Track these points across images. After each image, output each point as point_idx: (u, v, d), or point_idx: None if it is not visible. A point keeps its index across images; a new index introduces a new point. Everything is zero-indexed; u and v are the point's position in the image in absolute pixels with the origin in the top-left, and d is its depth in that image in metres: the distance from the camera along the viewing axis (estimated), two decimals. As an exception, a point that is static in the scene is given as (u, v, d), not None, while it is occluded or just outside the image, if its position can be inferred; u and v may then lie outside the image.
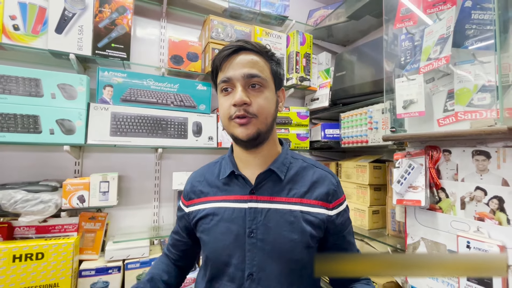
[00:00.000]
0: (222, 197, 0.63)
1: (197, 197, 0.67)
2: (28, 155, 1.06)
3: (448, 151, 0.81)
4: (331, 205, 0.62)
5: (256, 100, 0.57)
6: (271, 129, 0.62)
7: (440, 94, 0.82)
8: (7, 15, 0.91)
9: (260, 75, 0.58)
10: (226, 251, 0.59)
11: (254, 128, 0.57)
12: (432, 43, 0.79)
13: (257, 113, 0.57)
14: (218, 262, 0.60)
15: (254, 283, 0.57)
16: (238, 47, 0.59)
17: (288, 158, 0.66)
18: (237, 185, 0.63)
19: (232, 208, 0.61)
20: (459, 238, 0.74)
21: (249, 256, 0.57)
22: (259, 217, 0.59)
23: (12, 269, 0.86)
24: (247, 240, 0.58)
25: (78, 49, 0.99)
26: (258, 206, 0.60)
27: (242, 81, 0.57)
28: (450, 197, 0.80)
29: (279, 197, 0.61)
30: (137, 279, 1.04)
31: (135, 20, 1.25)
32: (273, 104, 0.61)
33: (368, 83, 1.18)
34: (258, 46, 0.60)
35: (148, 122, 1.10)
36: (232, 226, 0.59)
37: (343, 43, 1.79)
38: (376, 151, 1.37)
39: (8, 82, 0.90)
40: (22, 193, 0.89)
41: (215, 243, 0.61)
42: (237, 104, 0.56)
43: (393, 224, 1.13)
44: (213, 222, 0.62)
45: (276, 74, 0.63)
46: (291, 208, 0.60)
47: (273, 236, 0.58)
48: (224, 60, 0.59)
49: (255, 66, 0.58)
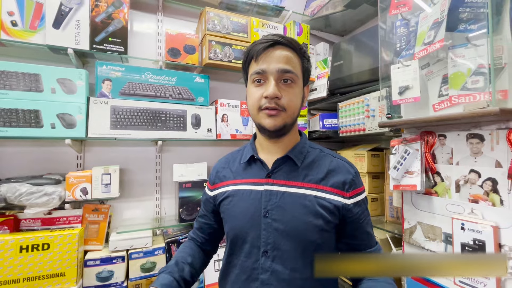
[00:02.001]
0: (241, 180, 0.68)
1: (220, 181, 0.72)
2: (31, 149, 1.08)
3: (443, 136, 0.82)
4: (348, 194, 0.63)
5: (286, 95, 0.60)
6: (295, 122, 0.66)
7: (435, 79, 0.83)
8: (5, 11, 0.92)
9: (293, 71, 0.61)
10: (244, 229, 0.63)
11: (282, 120, 0.61)
12: (427, 28, 0.80)
13: (286, 107, 0.60)
14: (236, 239, 0.65)
15: (269, 259, 0.60)
16: (275, 41, 0.61)
17: (306, 147, 0.69)
18: (255, 168, 0.68)
19: (249, 190, 0.65)
20: (454, 221, 0.75)
21: (264, 235, 0.61)
22: (274, 198, 0.62)
23: (20, 260, 0.89)
24: (262, 219, 0.62)
25: (76, 43, 1.00)
26: (274, 189, 0.63)
27: (275, 75, 0.60)
28: (445, 181, 0.81)
29: (294, 181, 0.63)
30: (140, 268, 1.07)
31: (132, 14, 1.25)
32: (300, 99, 0.65)
33: (365, 71, 1.18)
34: (293, 42, 0.63)
35: (148, 115, 1.12)
36: (249, 206, 0.64)
37: (340, 33, 1.78)
38: (374, 139, 1.38)
39: (8, 78, 0.92)
40: (26, 186, 0.91)
41: (233, 221, 0.66)
42: (269, 97, 0.59)
43: (391, 210, 1.15)
44: (233, 203, 0.67)
45: (306, 70, 0.66)
46: (306, 193, 0.62)
47: (287, 217, 0.61)
48: (260, 52, 0.61)
49: (289, 62, 0.61)
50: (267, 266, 0.60)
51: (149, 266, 1.09)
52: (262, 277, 0.60)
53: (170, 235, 1.21)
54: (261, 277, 0.60)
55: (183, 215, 1.19)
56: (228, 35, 1.24)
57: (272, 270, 0.60)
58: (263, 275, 0.60)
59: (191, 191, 1.21)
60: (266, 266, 0.60)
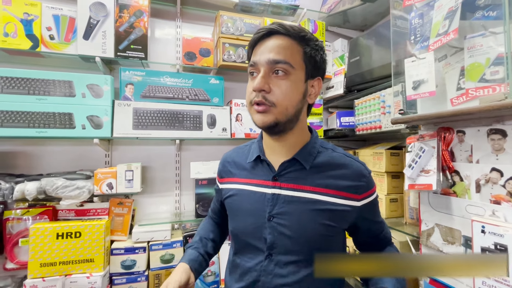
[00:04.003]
0: (247, 180, 0.66)
1: (227, 176, 0.72)
2: (67, 148, 1.21)
3: (462, 132, 0.76)
4: (360, 196, 0.60)
5: (276, 88, 0.55)
6: (294, 119, 0.59)
7: (453, 72, 0.77)
8: (44, 27, 1.05)
9: (286, 61, 0.54)
10: (247, 231, 0.63)
11: (272, 117, 0.55)
12: (441, 18, 0.75)
13: (276, 102, 0.55)
14: (240, 240, 0.65)
15: (272, 263, 0.59)
16: (270, 30, 0.56)
17: (315, 147, 0.64)
18: (261, 170, 0.64)
19: (254, 191, 0.63)
20: (474, 223, 0.70)
21: (270, 239, 0.59)
22: (280, 203, 0.60)
23: (57, 245, 1.00)
24: (267, 223, 0.60)
25: (102, 52, 1.10)
26: (281, 193, 0.60)
27: (265, 67, 0.55)
28: (464, 180, 0.75)
29: (302, 185, 0.60)
30: (160, 259, 1.15)
31: (153, 22, 1.34)
32: (298, 93, 0.57)
33: (382, 66, 1.13)
34: (292, 29, 0.56)
35: (166, 116, 1.19)
36: (253, 208, 0.62)
37: (360, 28, 1.72)
38: (394, 138, 1.31)
39: (47, 85, 1.04)
40: (62, 180, 1.03)
41: (238, 222, 0.65)
42: (255, 90, 0.55)
43: (410, 212, 1.09)
44: (237, 203, 0.66)
45: (310, 61, 0.58)
46: (315, 198, 0.59)
47: (294, 223, 0.58)
48: (255, 44, 0.58)
49: (282, 52, 0.55)
50: (270, 270, 0.59)
51: (168, 258, 1.16)
52: (264, 279, 0.59)
53: (187, 230, 1.27)
54: (263, 279, 0.59)
55: (199, 210, 1.24)
56: (242, 37, 1.27)
57: (275, 274, 0.59)
58: (265, 277, 0.59)
59: (207, 187, 1.26)
60: (269, 269, 0.59)
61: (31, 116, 1.01)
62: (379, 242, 0.71)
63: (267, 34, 0.57)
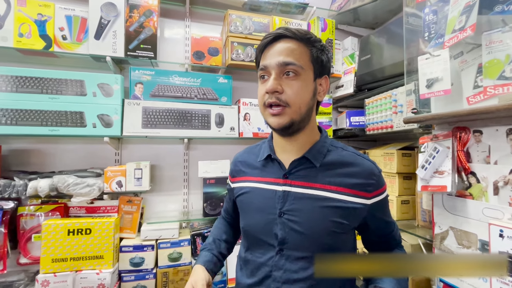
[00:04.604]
0: (258, 178, 0.68)
1: (238, 175, 0.74)
2: (79, 146, 1.23)
3: (479, 132, 0.73)
4: (370, 195, 0.61)
5: (289, 89, 0.57)
6: (307, 118, 0.61)
7: (470, 69, 0.75)
8: (57, 27, 1.08)
9: (295, 63, 0.57)
10: (259, 227, 0.64)
11: (287, 117, 0.58)
12: (458, 13, 0.72)
13: (289, 102, 0.57)
14: (251, 236, 0.67)
15: (282, 258, 0.61)
16: (277, 35, 0.59)
17: (325, 146, 0.65)
18: (272, 168, 0.67)
19: (266, 189, 0.65)
20: (491, 227, 0.67)
21: (281, 234, 0.61)
22: (290, 200, 0.61)
23: (68, 241, 1.02)
24: (278, 220, 0.61)
25: (113, 52, 1.11)
26: (291, 190, 0.62)
27: (276, 69, 0.58)
28: (481, 182, 0.72)
29: (312, 183, 0.61)
30: (168, 257, 1.15)
31: (163, 21, 1.35)
32: (309, 92, 0.60)
33: (393, 64, 1.11)
34: (298, 32, 0.59)
35: (175, 115, 1.20)
36: (264, 205, 0.64)
37: (372, 26, 1.69)
38: (406, 138, 1.28)
39: (59, 84, 1.07)
40: (73, 178, 1.05)
41: (249, 219, 0.67)
42: (269, 92, 0.58)
43: (423, 214, 1.06)
44: (249, 200, 0.68)
45: (317, 61, 0.61)
46: (325, 195, 0.60)
47: (304, 219, 0.60)
48: (264, 48, 0.61)
49: (291, 54, 0.58)
50: (281, 265, 0.61)
51: (176, 256, 1.17)
52: (275, 274, 0.61)
53: (195, 228, 1.27)
54: (274, 274, 0.61)
55: (207, 209, 1.24)
56: (250, 36, 1.26)
57: (286, 269, 0.60)
58: (276, 272, 0.61)
59: (215, 187, 1.26)
60: (280, 264, 0.61)
61: (44, 115, 1.04)
62: (388, 242, 0.71)
63: (275, 38, 0.60)
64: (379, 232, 0.69)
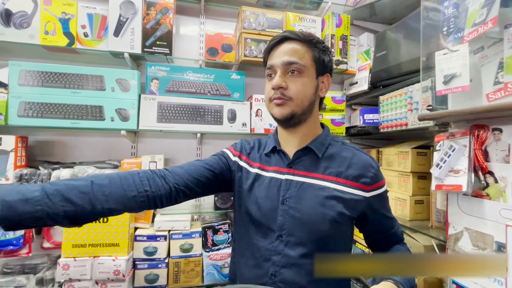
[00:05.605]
0: (264, 166, 0.72)
1: (245, 155, 0.75)
2: (98, 139, 1.29)
3: (499, 130, 0.70)
4: (369, 188, 0.65)
5: (292, 85, 0.64)
6: (308, 112, 0.68)
7: (491, 65, 0.72)
8: (80, 25, 1.13)
9: (298, 62, 0.63)
10: (261, 213, 0.67)
11: (289, 109, 0.64)
12: (479, 6, 0.69)
13: (293, 96, 0.63)
14: (254, 220, 0.69)
15: (282, 243, 0.64)
16: (283, 37, 0.66)
17: (327, 139, 0.71)
18: (277, 159, 0.71)
19: (270, 177, 0.69)
20: (509, 228, 0.65)
21: (281, 220, 0.65)
22: (293, 188, 0.66)
23: (87, 228, 1.08)
24: (280, 206, 0.65)
25: (130, 48, 1.16)
26: (294, 179, 0.67)
27: (281, 68, 0.64)
28: (499, 182, 0.69)
29: (314, 173, 0.66)
30: (180, 248, 1.19)
31: (178, 18, 1.38)
32: (311, 88, 0.66)
33: (410, 60, 1.08)
34: (301, 35, 0.66)
35: (188, 110, 1.23)
36: (268, 192, 0.67)
37: (389, 21, 1.64)
38: (421, 136, 1.25)
39: (81, 80, 1.12)
40: (92, 169, 1.10)
41: (253, 204, 0.69)
42: (274, 88, 0.64)
43: (437, 214, 1.03)
44: (253, 186, 0.70)
45: (319, 60, 0.67)
46: (325, 185, 0.65)
47: (303, 206, 0.64)
48: (271, 49, 0.68)
49: (294, 54, 0.64)
50: (280, 249, 0.64)
51: (187, 247, 1.20)
52: (275, 258, 0.64)
53: (206, 221, 1.30)
54: (274, 258, 0.64)
55: (218, 203, 1.27)
56: (263, 32, 1.27)
57: (284, 254, 0.63)
58: (275, 256, 0.64)
59: (226, 181, 1.28)
60: (279, 249, 0.64)
61: (67, 108, 1.09)
62: (389, 239, 0.74)
63: (281, 40, 0.67)
64: (380, 228, 0.72)
